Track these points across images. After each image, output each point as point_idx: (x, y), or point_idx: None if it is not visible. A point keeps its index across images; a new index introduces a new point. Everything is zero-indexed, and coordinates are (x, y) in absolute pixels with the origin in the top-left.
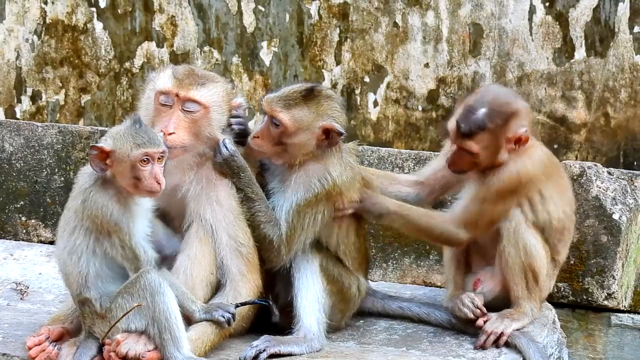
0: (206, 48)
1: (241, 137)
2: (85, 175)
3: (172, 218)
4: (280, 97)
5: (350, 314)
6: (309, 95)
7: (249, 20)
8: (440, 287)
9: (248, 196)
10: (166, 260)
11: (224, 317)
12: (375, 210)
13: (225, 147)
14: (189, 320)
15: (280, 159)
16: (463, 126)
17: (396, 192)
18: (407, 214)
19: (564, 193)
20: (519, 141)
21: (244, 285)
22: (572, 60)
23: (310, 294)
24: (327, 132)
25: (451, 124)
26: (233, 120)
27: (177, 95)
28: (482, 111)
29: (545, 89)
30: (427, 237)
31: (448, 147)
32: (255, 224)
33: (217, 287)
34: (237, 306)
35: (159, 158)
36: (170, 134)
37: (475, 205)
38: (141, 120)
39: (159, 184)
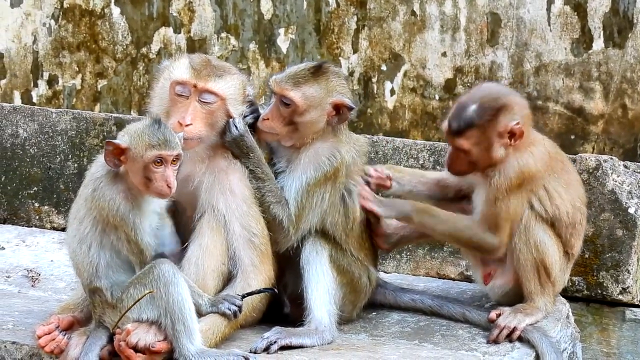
0: (223, 34)
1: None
2: (99, 164)
3: (184, 209)
4: (289, 75)
5: (362, 305)
6: (318, 72)
7: (266, 7)
8: (453, 279)
9: (258, 176)
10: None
11: (230, 309)
12: (399, 213)
13: (235, 126)
14: (197, 313)
15: (290, 140)
16: (453, 124)
17: (426, 191)
18: (433, 215)
19: (571, 186)
20: (513, 135)
21: (255, 277)
22: (590, 51)
23: (321, 286)
24: (338, 108)
25: (444, 124)
26: (247, 110)
27: (194, 86)
28: (471, 108)
29: (562, 79)
30: (456, 242)
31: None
32: (265, 204)
33: (229, 278)
34: (243, 297)
35: (173, 161)
36: (187, 125)
37: (489, 207)
38: (161, 120)
39: (169, 187)
